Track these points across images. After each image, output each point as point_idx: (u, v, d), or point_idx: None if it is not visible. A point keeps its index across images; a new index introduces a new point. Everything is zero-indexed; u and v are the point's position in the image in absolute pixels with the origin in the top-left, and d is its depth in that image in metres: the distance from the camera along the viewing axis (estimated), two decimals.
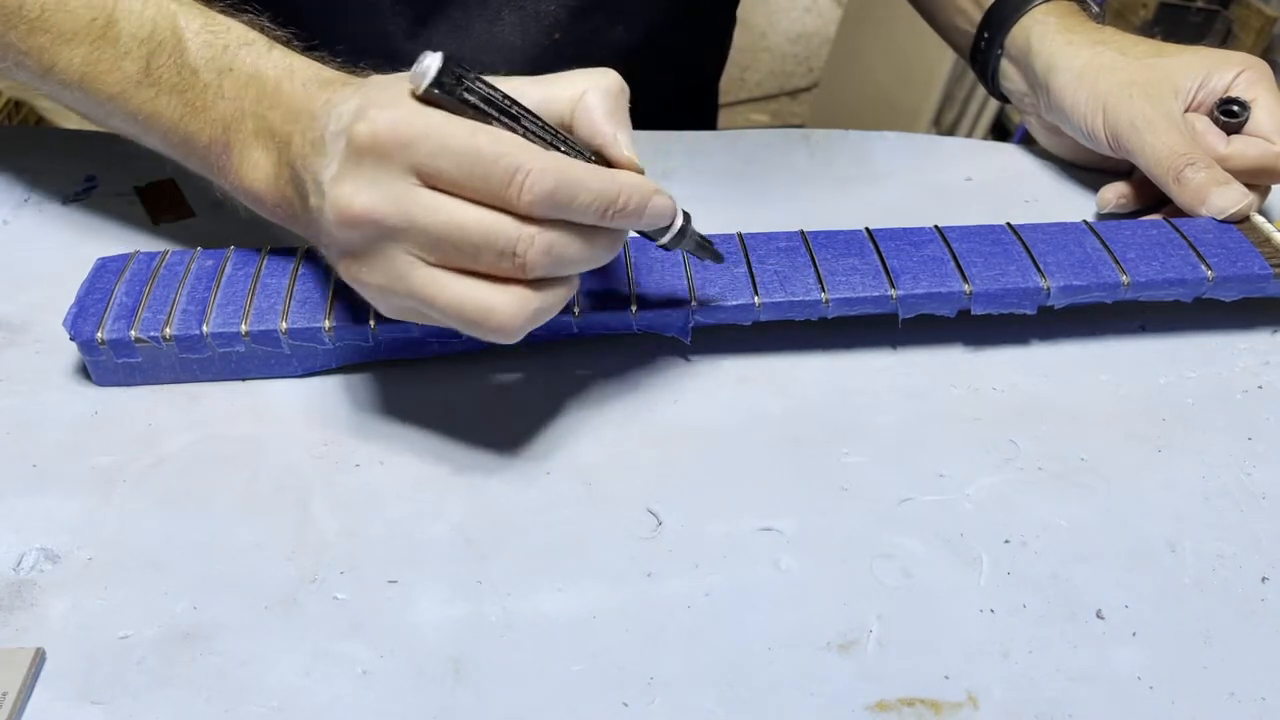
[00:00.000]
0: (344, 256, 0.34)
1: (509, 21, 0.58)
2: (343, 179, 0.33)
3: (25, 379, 0.42)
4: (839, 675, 0.33)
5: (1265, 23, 1.48)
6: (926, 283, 0.42)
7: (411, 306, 0.35)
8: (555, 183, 0.32)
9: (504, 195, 0.32)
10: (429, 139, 0.31)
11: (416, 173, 0.32)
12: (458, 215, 0.32)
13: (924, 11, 0.66)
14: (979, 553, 0.37)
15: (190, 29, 0.40)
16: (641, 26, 0.62)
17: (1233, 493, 0.39)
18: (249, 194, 0.40)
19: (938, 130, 1.71)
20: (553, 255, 0.33)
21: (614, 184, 0.33)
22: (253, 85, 0.38)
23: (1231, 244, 0.44)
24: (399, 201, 0.32)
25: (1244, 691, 0.33)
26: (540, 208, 0.32)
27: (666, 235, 0.37)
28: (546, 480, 0.39)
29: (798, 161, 0.57)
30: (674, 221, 0.37)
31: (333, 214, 0.33)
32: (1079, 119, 0.52)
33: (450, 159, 0.32)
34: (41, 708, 0.32)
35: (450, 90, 0.32)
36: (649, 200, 0.34)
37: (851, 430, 0.41)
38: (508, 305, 0.33)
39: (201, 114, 0.39)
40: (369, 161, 0.32)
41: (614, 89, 0.35)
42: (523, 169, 0.31)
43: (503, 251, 0.32)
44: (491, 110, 0.33)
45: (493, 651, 0.33)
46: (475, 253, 0.32)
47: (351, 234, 0.33)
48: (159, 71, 0.39)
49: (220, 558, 0.36)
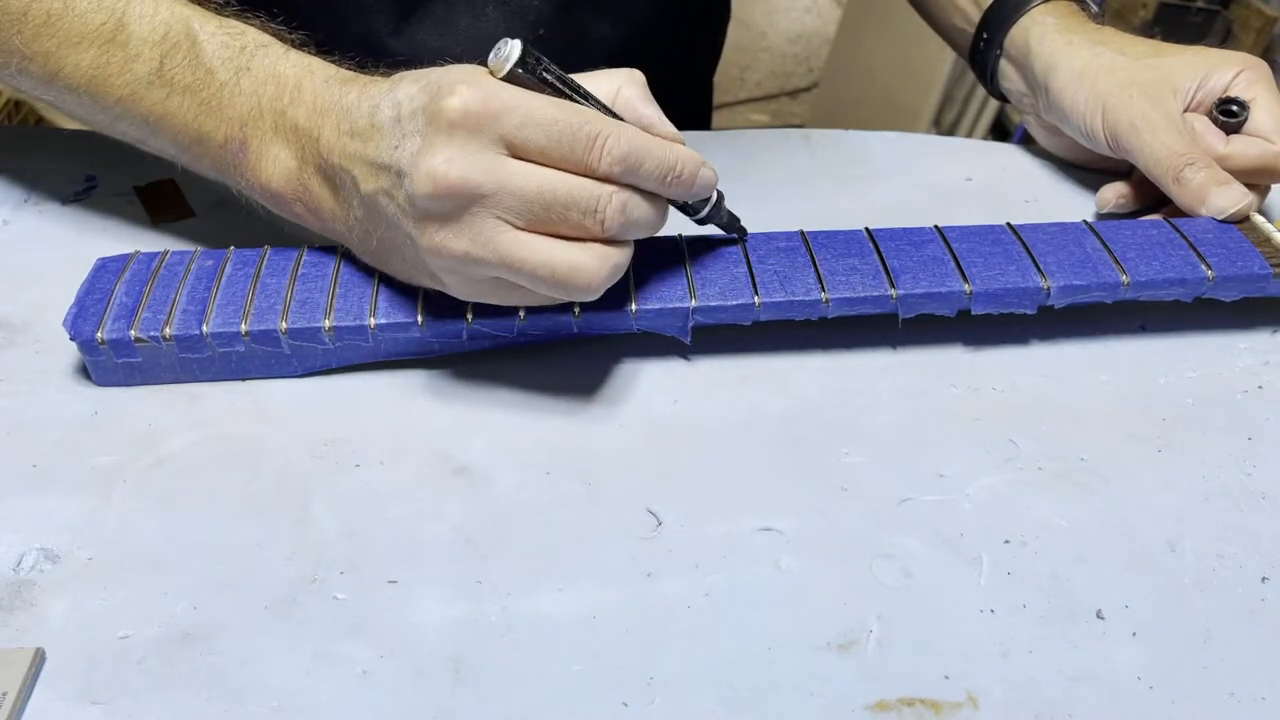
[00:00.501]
0: (428, 225, 0.35)
1: (493, 17, 0.59)
2: (432, 151, 0.34)
3: (25, 379, 0.42)
4: (839, 675, 0.33)
5: (1265, 23, 1.48)
6: (926, 283, 0.42)
7: (486, 275, 0.36)
8: (630, 147, 0.35)
9: (586, 160, 0.35)
10: (518, 111, 0.34)
11: (505, 143, 0.35)
12: (547, 179, 0.35)
13: (923, 11, 0.66)
14: (979, 553, 0.37)
15: (205, 31, 0.40)
16: (629, 23, 0.62)
17: (1233, 493, 0.39)
18: (266, 191, 0.40)
19: (938, 130, 1.71)
20: (625, 214, 0.36)
21: (673, 153, 0.37)
22: (271, 83, 0.39)
23: (1231, 244, 0.44)
24: (492, 169, 0.34)
25: (1244, 691, 0.33)
26: (617, 169, 0.35)
27: (706, 207, 0.41)
28: (546, 480, 0.39)
29: (798, 161, 0.57)
30: (713, 194, 0.41)
31: (427, 184, 0.34)
32: (1078, 119, 0.52)
33: (538, 129, 0.34)
34: (41, 708, 0.32)
35: (531, 69, 0.35)
36: (699, 170, 0.39)
37: (851, 430, 0.41)
38: (592, 261, 0.36)
39: (217, 113, 0.40)
40: (461, 133, 0.34)
41: (642, 81, 0.40)
42: (602, 135, 0.35)
43: (586, 209, 0.35)
44: (565, 89, 0.36)
45: (493, 651, 0.33)
46: (563, 212, 0.35)
47: (443, 203, 0.34)
48: (172, 72, 0.40)
49: (220, 558, 0.36)
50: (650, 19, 0.63)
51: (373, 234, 0.38)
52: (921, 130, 1.64)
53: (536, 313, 0.40)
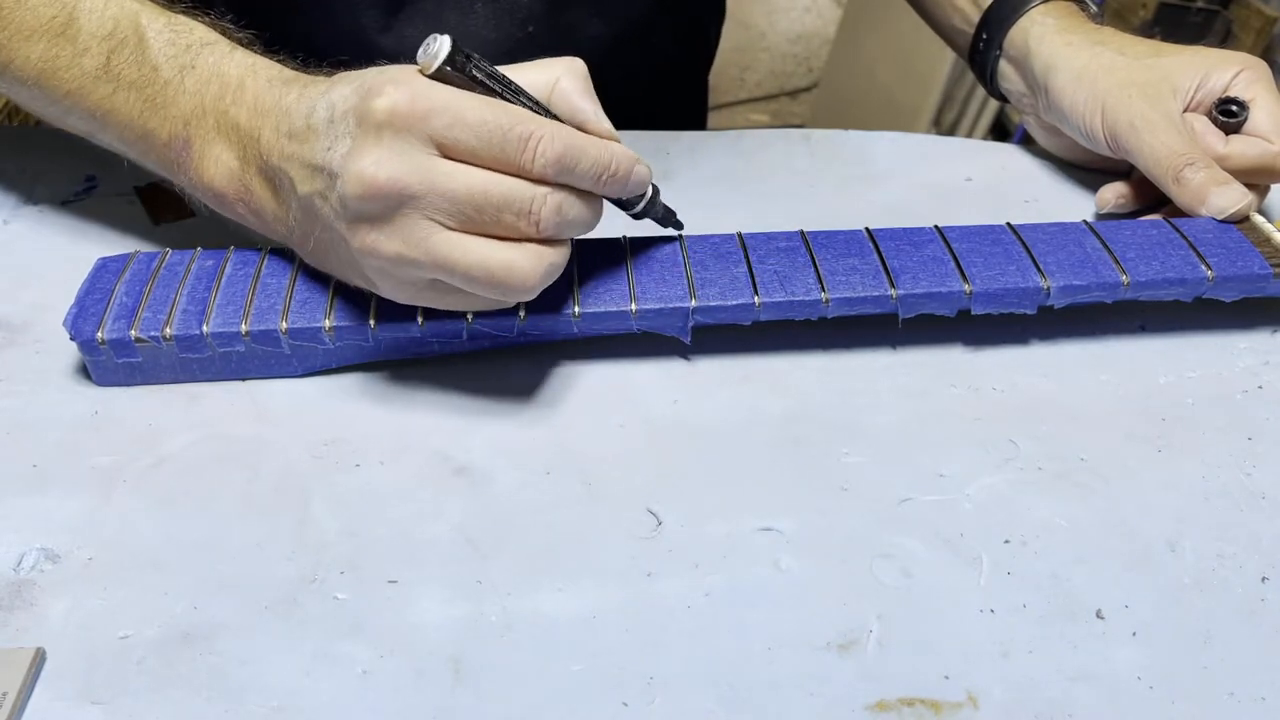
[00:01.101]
0: (360, 227, 0.35)
1: (482, 14, 0.59)
2: (362, 153, 0.34)
3: (25, 379, 0.42)
4: (839, 675, 0.33)
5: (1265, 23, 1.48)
6: (926, 283, 0.42)
7: (421, 277, 0.36)
8: (563, 147, 0.35)
9: (518, 161, 0.34)
10: (446, 111, 0.34)
11: (435, 143, 0.34)
12: (479, 180, 0.34)
13: (922, 12, 0.66)
14: (979, 553, 0.37)
15: (153, 28, 0.40)
16: (620, 20, 0.62)
17: (1233, 493, 0.39)
18: (208, 190, 0.40)
19: (938, 130, 1.71)
20: (561, 214, 0.36)
21: (607, 151, 0.37)
22: (215, 82, 0.39)
23: (1231, 244, 0.44)
24: (421, 170, 0.34)
25: (1244, 691, 0.33)
26: (551, 170, 0.35)
27: (641, 203, 0.41)
28: (546, 480, 0.39)
29: (798, 161, 0.57)
30: (648, 190, 0.41)
31: (356, 186, 0.34)
32: (1078, 119, 0.52)
33: (467, 129, 0.34)
34: (41, 708, 0.32)
35: (461, 68, 0.34)
36: (634, 168, 0.38)
37: (851, 430, 0.41)
38: (526, 260, 0.35)
39: (161, 110, 0.40)
40: (389, 134, 0.34)
41: (582, 72, 0.39)
42: (535, 135, 0.34)
43: (520, 211, 0.35)
44: (496, 86, 0.35)
45: (493, 651, 0.33)
46: (496, 214, 0.35)
47: (372, 205, 0.34)
48: (119, 68, 0.40)
49: (220, 558, 0.36)
50: (641, 16, 0.63)
51: (310, 235, 0.38)
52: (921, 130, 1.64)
53: (536, 313, 0.40)
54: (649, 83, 0.68)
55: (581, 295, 0.41)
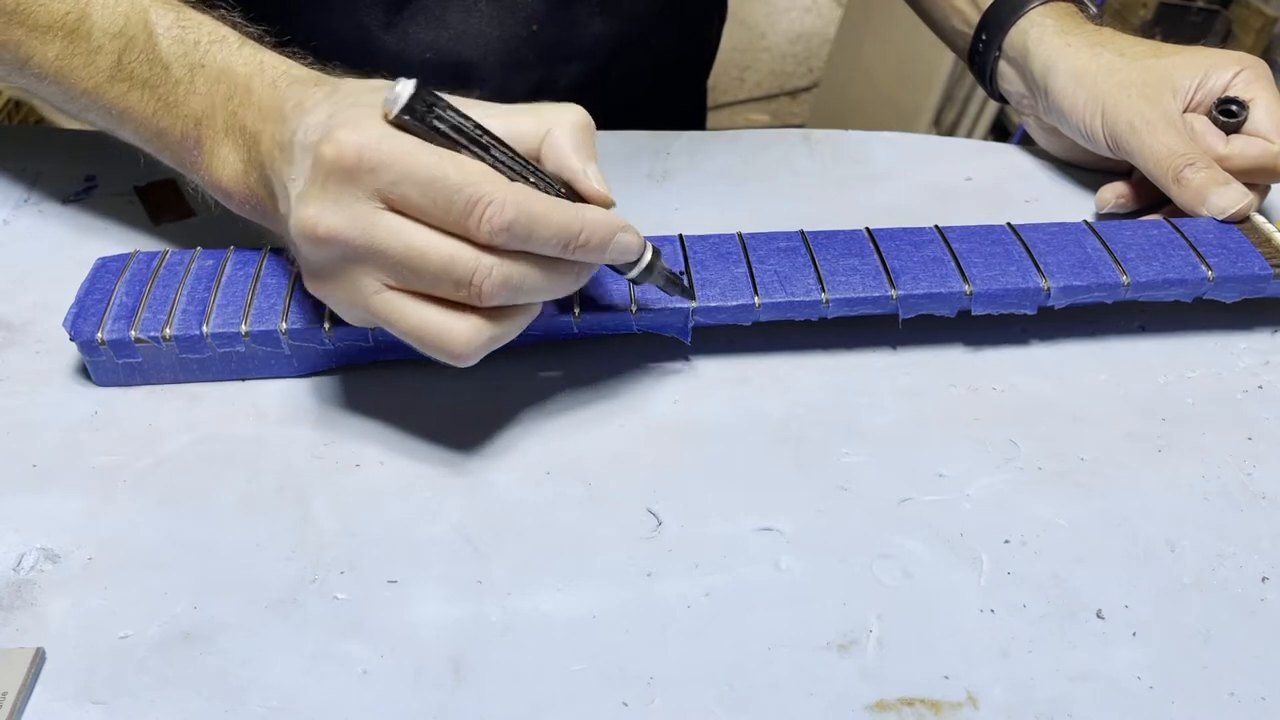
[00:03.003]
0: (308, 271, 0.35)
1: (485, 12, 0.59)
2: (309, 199, 0.33)
3: (25, 379, 0.42)
4: (839, 675, 0.33)
5: (1265, 23, 1.48)
6: (926, 283, 0.42)
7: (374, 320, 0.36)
8: (515, 215, 0.32)
9: (465, 225, 0.32)
10: (394, 166, 0.32)
11: (381, 197, 0.32)
12: (419, 242, 0.33)
13: (921, 13, 0.66)
14: (979, 553, 0.37)
15: (161, 24, 0.40)
16: (623, 19, 0.62)
17: (1233, 493, 0.39)
18: (219, 189, 0.40)
19: (938, 130, 1.71)
20: (510, 286, 0.34)
21: (576, 219, 0.34)
22: (224, 81, 0.39)
23: (1232, 244, 0.44)
24: (362, 225, 0.32)
25: (1244, 691, 0.33)
26: (500, 239, 0.32)
27: (634, 270, 0.37)
28: (546, 480, 0.39)
29: (798, 161, 0.57)
30: (641, 257, 0.37)
31: (297, 232, 0.33)
32: (1078, 120, 0.52)
33: (414, 186, 0.32)
34: (41, 708, 0.32)
35: (421, 117, 0.32)
36: (613, 236, 0.35)
37: (851, 430, 0.41)
38: (463, 333, 0.34)
39: (174, 109, 0.40)
40: (334, 183, 0.32)
41: (581, 123, 0.36)
42: (484, 200, 0.32)
43: (459, 281, 0.33)
44: (461, 138, 0.33)
45: (493, 651, 0.33)
46: (434, 280, 0.33)
47: (316, 251, 0.34)
48: (131, 66, 0.40)
49: (220, 558, 0.36)
50: (643, 16, 0.63)
51: None
52: (921, 130, 1.64)
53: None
54: (650, 82, 0.68)
55: (582, 295, 0.41)
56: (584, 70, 0.63)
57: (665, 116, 0.71)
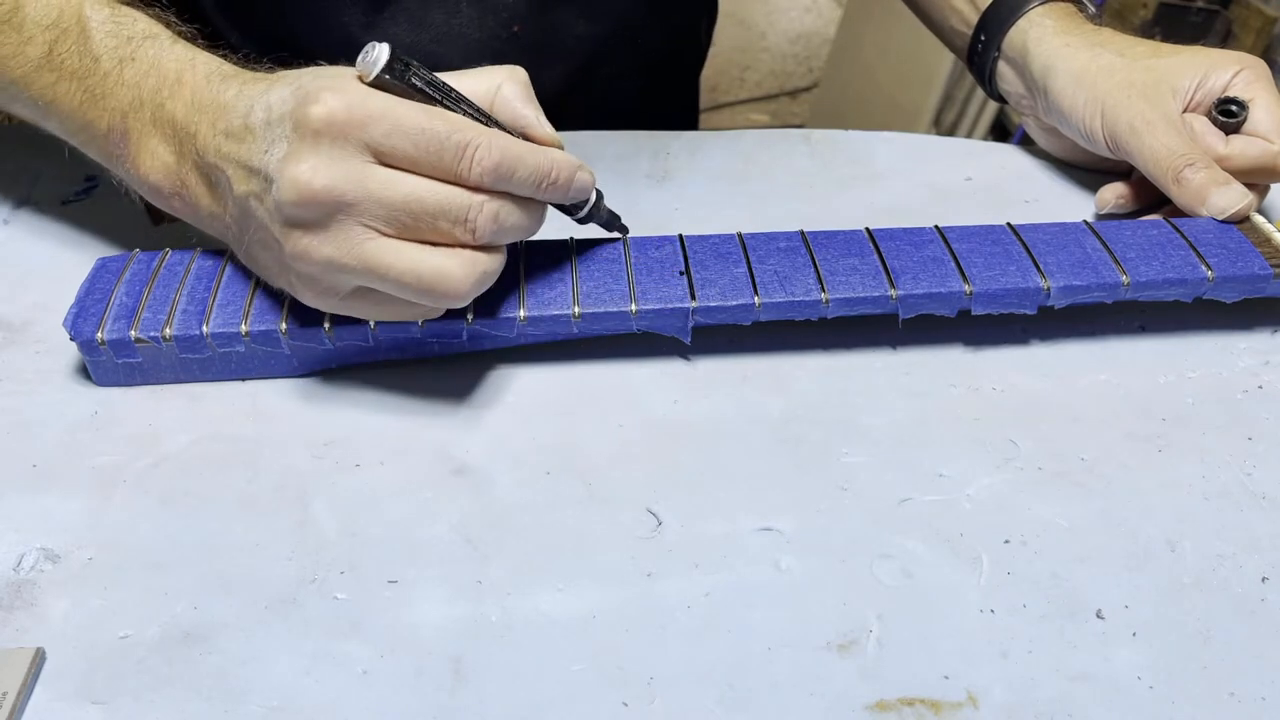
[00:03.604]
0: (293, 231, 0.35)
1: (467, 13, 0.58)
2: (298, 158, 0.34)
3: (25, 379, 0.42)
4: (839, 675, 0.33)
5: (1265, 23, 1.48)
6: (926, 283, 0.42)
7: (348, 285, 0.36)
8: (501, 156, 0.35)
9: (456, 169, 0.35)
10: (384, 119, 0.34)
11: (371, 150, 0.34)
12: (414, 188, 0.35)
13: (920, 13, 0.66)
14: (979, 553, 0.37)
15: (96, 18, 0.40)
16: (607, 19, 0.62)
17: (1233, 493, 0.39)
18: (146, 184, 0.40)
19: (938, 130, 1.71)
20: (498, 222, 0.36)
21: (547, 159, 0.37)
22: (153, 75, 0.39)
23: (1232, 244, 0.44)
24: (357, 178, 0.34)
25: (1244, 691, 0.33)
26: (488, 179, 0.35)
27: (585, 208, 0.41)
28: (546, 480, 0.39)
29: (798, 161, 0.57)
30: (591, 195, 0.41)
31: (291, 192, 0.34)
32: (1077, 121, 0.52)
33: (404, 137, 0.34)
34: (41, 708, 0.32)
35: (400, 76, 0.35)
36: (575, 174, 0.39)
37: (851, 430, 0.41)
38: (459, 268, 0.36)
39: (101, 101, 0.40)
40: (325, 141, 0.34)
41: (524, 79, 0.39)
42: (472, 144, 0.35)
43: (456, 219, 0.35)
44: (435, 94, 0.35)
45: (493, 651, 0.33)
46: (432, 221, 0.35)
47: (308, 210, 0.34)
48: (61, 57, 0.40)
49: (220, 558, 0.36)
50: (627, 15, 0.63)
51: (245, 233, 0.38)
52: (921, 130, 1.64)
53: (536, 313, 0.40)
54: (639, 82, 0.67)
55: (581, 295, 0.41)
56: (569, 71, 0.63)
57: (657, 117, 0.70)
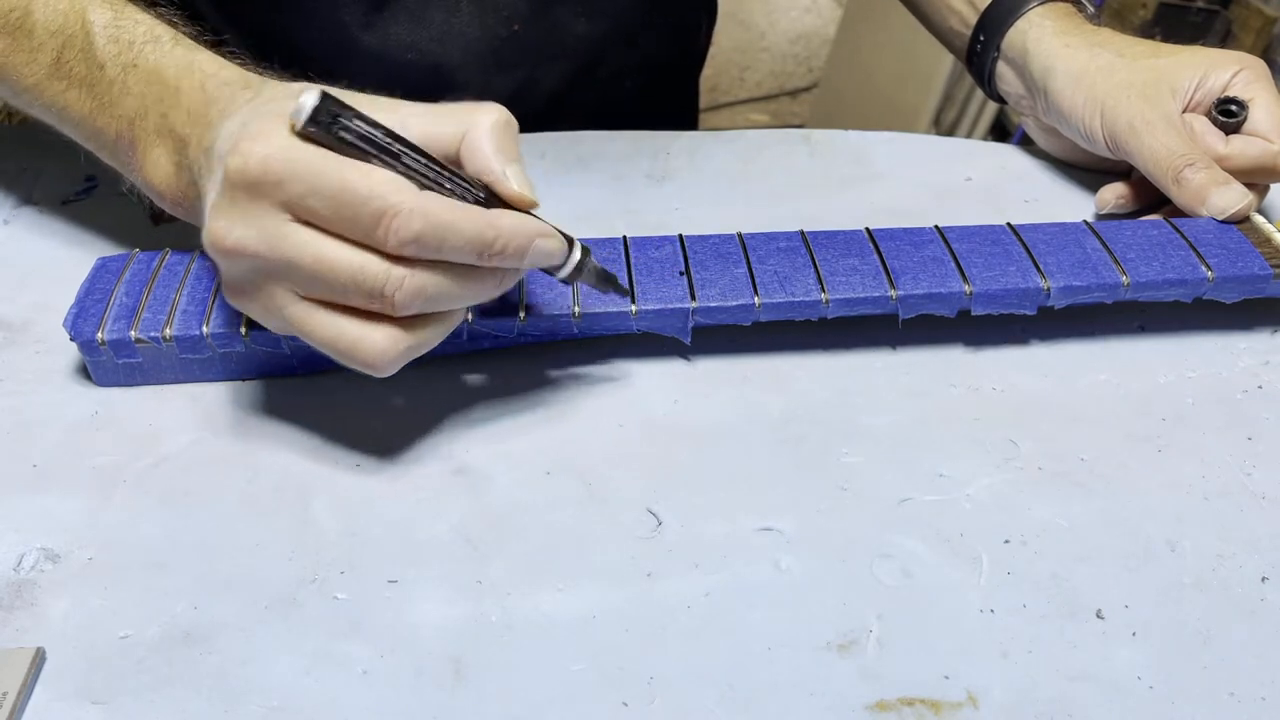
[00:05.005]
0: (225, 283, 0.35)
1: (467, 13, 0.58)
2: (218, 212, 0.33)
3: (25, 379, 0.42)
4: (839, 675, 0.33)
5: (1265, 23, 1.48)
6: (926, 283, 0.42)
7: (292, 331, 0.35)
8: (423, 226, 0.32)
9: (373, 236, 0.32)
10: (299, 179, 0.31)
11: (289, 210, 0.32)
12: (328, 254, 0.32)
13: (919, 14, 0.66)
14: (979, 553, 0.37)
15: (99, 23, 0.40)
16: (607, 19, 0.62)
17: (1233, 493, 0.39)
18: (153, 190, 0.40)
19: (938, 130, 1.71)
20: (424, 296, 0.33)
21: (490, 227, 0.33)
22: (155, 83, 0.39)
23: (1232, 244, 0.44)
24: (271, 239, 0.32)
25: (1244, 691, 0.33)
26: (409, 250, 0.32)
27: (563, 271, 0.37)
28: (546, 480, 0.39)
29: (798, 161, 0.57)
30: (567, 259, 0.36)
31: (209, 244, 0.33)
32: (1077, 121, 0.52)
33: (320, 199, 0.31)
34: (41, 708, 0.32)
35: (327, 128, 0.31)
36: (531, 242, 0.34)
37: (851, 430, 0.41)
38: (378, 343, 0.34)
39: (109, 109, 0.40)
40: (242, 196, 0.32)
41: (501, 123, 0.34)
42: (390, 211, 0.31)
43: (370, 292, 0.32)
44: (369, 148, 0.32)
45: (493, 651, 0.33)
46: (345, 291, 0.33)
47: (229, 264, 0.34)
48: (69, 65, 0.40)
49: (220, 558, 0.36)
50: (628, 16, 0.63)
51: None
52: (921, 130, 1.64)
53: (536, 313, 0.40)
54: (638, 83, 0.67)
55: (582, 295, 0.41)
56: (568, 71, 0.63)
57: (656, 117, 0.70)
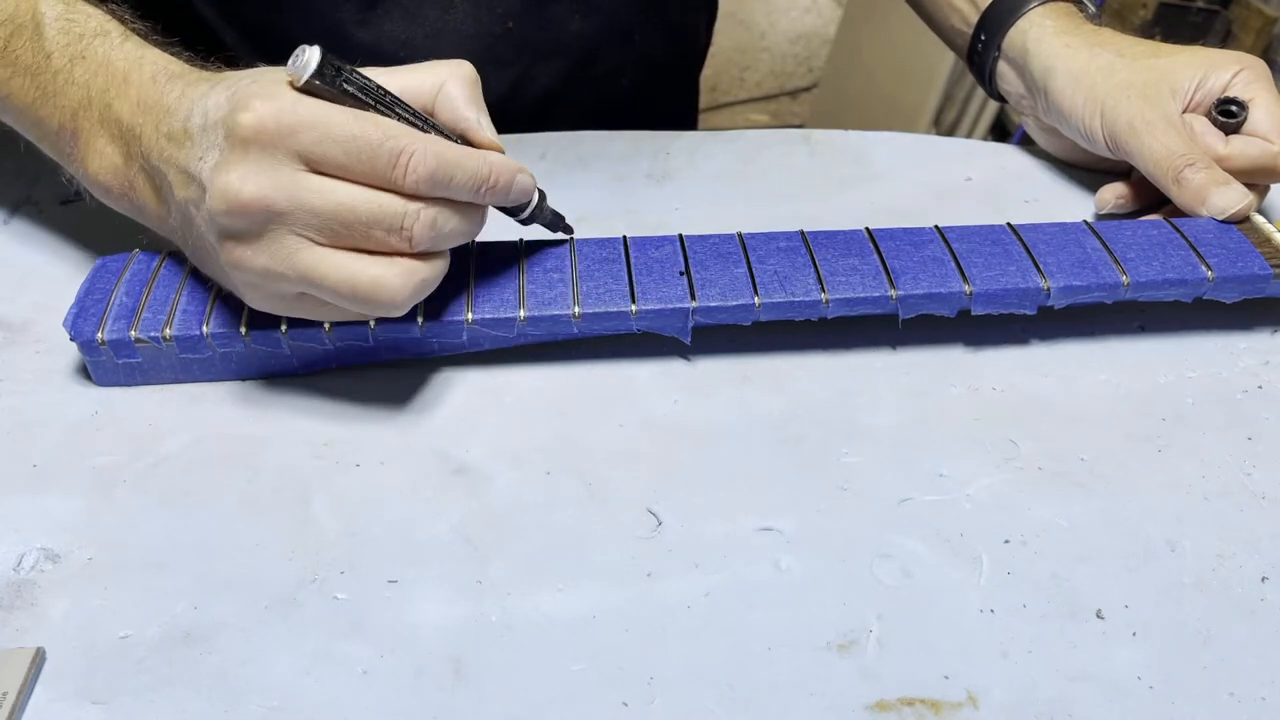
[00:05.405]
0: (227, 241, 0.35)
1: (461, 9, 0.58)
2: (228, 167, 0.33)
3: (25, 379, 0.42)
4: (839, 675, 0.33)
5: (1265, 23, 1.48)
6: (926, 283, 0.42)
7: (289, 291, 0.36)
8: (436, 163, 0.34)
9: (390, 176, 0.34)
10: (314, 127, 0.33)
11: (302, 158, 0.34)
12: (347, 197, 0.34)
13: (921, 12, 0.66)
14: (979, 553, 0.37)
15: (50, 14, 0.40)
16: (602, 16, 0.62)
17: (1233, 493, 0.39)
18: (95, 183, 0.40)
19: (938, 130, 1.71)
20: (435, 229, 0.35)
21: (485, 164, 0.36)
22: (101, 74, 0.39)
23: (1231, 244, 0.44)
24: (288, 187, 0.33)
25: (1244, 691, 0.33)
26: (424, 186, 0.34)
27: (527, 210, 0.41)
28: (546, 480, 0.39)
29: (798, 161, 0.57)
30: (531, 198, 0.40)
31: (221, 202, 0.34)
32: (1077, 121, 0.52)
33: (335, 145, 0.33)
34: (41, 708, 0.32)
35: (330, 80, 0.34)
36: (515, 178, 0.38)
37: (851, 430, 0.41)
38: (396, 277, 0.35)
39: (52, 99, 0.40)
40: (255, 149, 0.33)
41: (470, 77, 0.38)
42: (406, 151, 0.34)
43: (391, 227, 0.34)
44: (369, 98, 0.35)
45: (493, 651, 0.33)
46: (365, 230, 0.34)
47: (238, 220, 0.34)
48: (15, 53, 0.40)
49: (220, 558, 0.36)
50: (622, 12, 0.63)
51: (189, 238, 0.38)
52: (921, 130, 1.64)
53: (536, 314, 0.40)
54: (636, 81, 0.67)
55: (581, 295, 0.41)
56: (563, 68, 0.63)
57: (655, 116, 0.70)
